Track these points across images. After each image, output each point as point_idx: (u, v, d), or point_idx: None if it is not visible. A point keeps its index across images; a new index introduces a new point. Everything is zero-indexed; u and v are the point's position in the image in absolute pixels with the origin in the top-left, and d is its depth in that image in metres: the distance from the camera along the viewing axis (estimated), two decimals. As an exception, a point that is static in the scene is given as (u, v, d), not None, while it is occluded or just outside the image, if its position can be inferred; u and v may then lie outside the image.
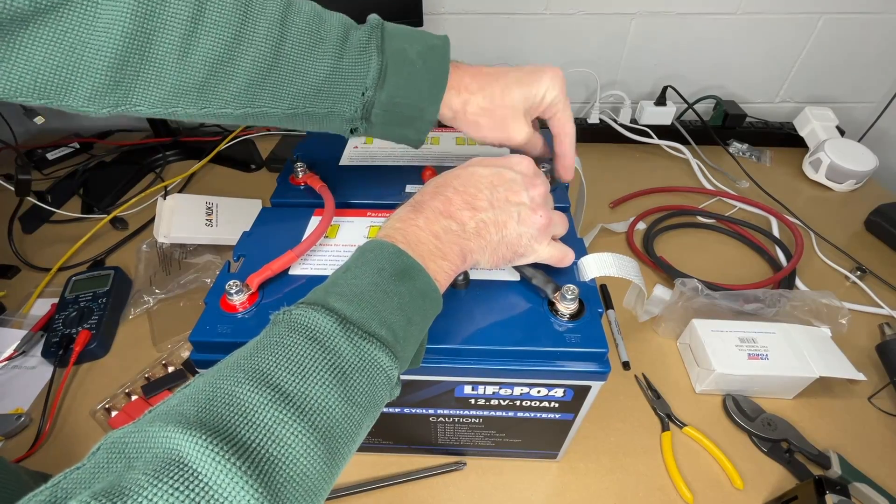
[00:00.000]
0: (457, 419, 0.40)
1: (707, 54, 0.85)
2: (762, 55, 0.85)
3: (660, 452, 0.46)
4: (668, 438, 0.47)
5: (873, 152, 0.77)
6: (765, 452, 0.46)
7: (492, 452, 0.44)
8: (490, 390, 0.35)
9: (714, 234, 0.71)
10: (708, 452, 0.46)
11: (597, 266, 0.36)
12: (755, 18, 0.81)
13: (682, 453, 0.46)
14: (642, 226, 0.71)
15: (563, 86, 0.36)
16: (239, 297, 0.34)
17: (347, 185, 0.46)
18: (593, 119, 0.87)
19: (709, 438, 0.46)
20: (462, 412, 0.39)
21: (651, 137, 0.85)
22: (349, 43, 0.31)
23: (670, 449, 0.46)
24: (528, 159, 0.33)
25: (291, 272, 0.37)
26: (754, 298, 0.54)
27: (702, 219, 0.72)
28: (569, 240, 0.40)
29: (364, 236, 0.40)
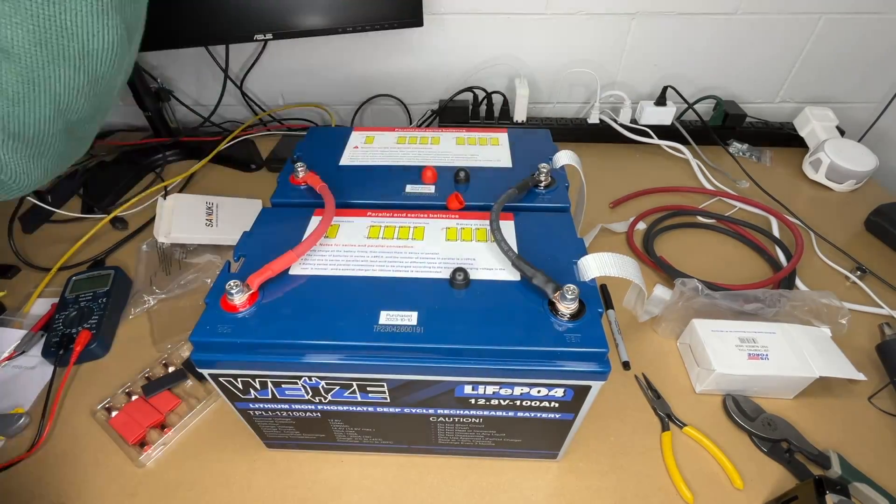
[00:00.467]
0: (457, 419, 0.40)
1: (707, 54, 0.85)
2: (762, 55, 0.85)
3: (660, 452, 0.46)
4: (668, 438, 0.47)
5: (873, 152, 0.77)
6: (765, 452, 0.46)
7: (492, 452, 0.45)
8: (490, 390, 0.35)
9: (714, 234, 0.71)
10: (708, 452, 0.46)
11: (597, 266, 0.36)
12: (755, 18, 0.81)
13: (683, 453, 0.46)
14: (642, 226, 0.71)
15: None
16: (239, 297, 0.34)
17: (347, 185, 0.46)
18: (593, 119, 0.87)
19: (709, 438, 0.47)
20: (462, 412, 0.39)
21: (651, 137, 0.86)
22: None
23: (670, 449, 0.46)
24: None
25: (292, 272, 0.37)
26: (754, 298, 0.54)
27: (702, 219, 0.72)
28: (569, 240, 0.40)
29: (364, 236, 0.41)
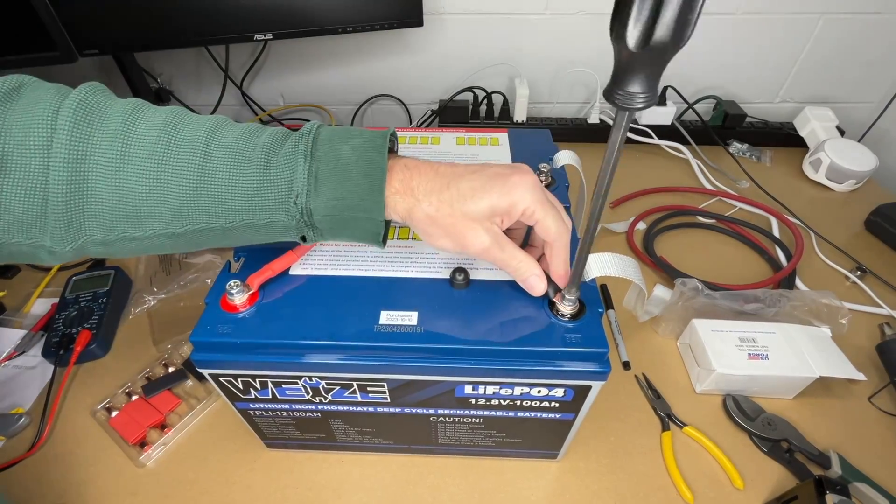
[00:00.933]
0: (457, 419, 0.40)
1: (707, 54, 0.85)
2: (762, 55, 0.85)
3: (660, 452, 0.46)
4: (669, 438, 0.47)
5: (873, 152, 0.77)
6: (765, 452, 0.46)
7: (492, 452, 0.45)
8: (490, 390, 0.35)
9: (714, 234, 0.71)
10: (708, 452, 0.46)
11: (597, 266, 0.36)
12: (755, 18, 0.81)
13: (683, 453, 0.46)
14: (642, 226, 0.71)
15: (536, 191, 0.31)
16: (239, 298, 0.34)
17: (348, 185, 0.46)
18: (593, 119, 0.87)
19: (709, 438, 0.47)
20: (462, 412, 0.39)
21: (651, 137, 0.86)
22: (280, 153, 0.30)
23: (670, 449, 0.46)
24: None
25: (292, 272, 0.37)
26: (754, 298, 0.54)
27: (702, 219, 0.72)
28: (569, 240, 0.40)
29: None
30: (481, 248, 0.31)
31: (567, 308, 0.33)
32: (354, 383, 0.35)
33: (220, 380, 0.36)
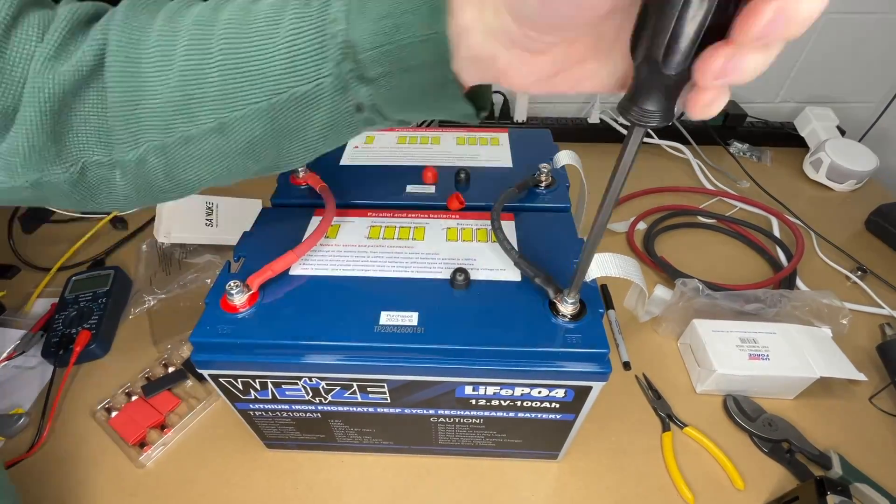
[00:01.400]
0: (457, 420, 0.40)
1: (707, 54, 0.85)
2: (763, 55, 0.85)
3: (660, 453, 0.46)
4: (669, 439, 0.47)
5: (874, 152, 0.77)
6: (765, 453, 0.46)
7: (492, 453, 0.44)
8: (491, 391, 0.35)
9: (714, 234, 0.71)
10: (708, 453, 0.46)
11: (597, 266, 0.36)
12: (756, 18, 0.81)
13: (683, 454, 0.46)
14: (643, 226, 0.71)
15: None
16: (239, 298, 0.34)
17: (348, 185, 0.46)
18: (593, 119, 0.87)
19: (709, 439, 0.46)
20: (463, 413, 0.39)
21: (651, 137, 0.85)
22: None
23: (671, 449, 0.46)
24: None
25: (292, 272, 0.37)
26: (755, 298, 0.54)
27: (702, 219, 0.72)
28: (569, 240, 0.40)
29: (365, 236, 0.40)
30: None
31: (567, 308, 0.33)
32: (354, 384, 0.35)
33: (220, 380, 0.36)
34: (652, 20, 0.17)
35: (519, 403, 0.37)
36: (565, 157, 0.49)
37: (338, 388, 0.36)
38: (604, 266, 0.35)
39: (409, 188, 0.46)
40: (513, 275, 0.37)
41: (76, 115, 0.26)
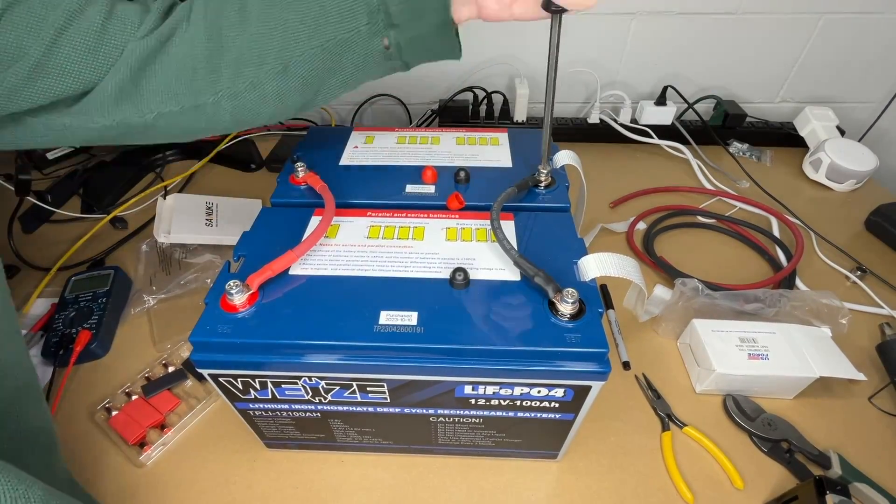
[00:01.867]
0: (457, 419, 0.40)
1: (707, 54, 0.85)
2: (762, 55, 0.85)
3: (660, 452, 0.46)
4: (669, 438, 0.47)
5: (873, 152, 0.77)
6: (765, 452, 0.46)
7: (492, 452, 0.44)
8: (490, 390, 0.35)
9: (714, 234, 0.71)
10: (708, 452, 0.46)
11: (597, 266, 0.36)
12: (755, 18, 0.81)
13: (683, 453, 0.46)
14: (642, 226, 0.71)
15: None
16: (239, 298, 0.34)
17: (348, 185, 0.46)
18: (593, 119, 0.87)
19: (709, 438, 0.46)
20: (462, 412, 0.39)
21: (651, 137, 0.85)
22: None
23: (670, 449, 0.46)
24: None
25: (292, 272, 0.37)
26: (754, 298, 0.54)
27: (702, 219, 0.72)
28: (569, 240, 0.40)
29: (364, 236, 0.41)
30: None
31: (567, 308, 0.33)
32: (354, 383, 0.35)
33: (220, 380, 0.36)
34: None
35: (518, 403, 0.37)
36: (565, 157, 0.49)
37: (337, 387, 0.36)
38: (603, 266, 0.36)
39: (409, 188, 0.46)
40: (512, 274, 0.37)
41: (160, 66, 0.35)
